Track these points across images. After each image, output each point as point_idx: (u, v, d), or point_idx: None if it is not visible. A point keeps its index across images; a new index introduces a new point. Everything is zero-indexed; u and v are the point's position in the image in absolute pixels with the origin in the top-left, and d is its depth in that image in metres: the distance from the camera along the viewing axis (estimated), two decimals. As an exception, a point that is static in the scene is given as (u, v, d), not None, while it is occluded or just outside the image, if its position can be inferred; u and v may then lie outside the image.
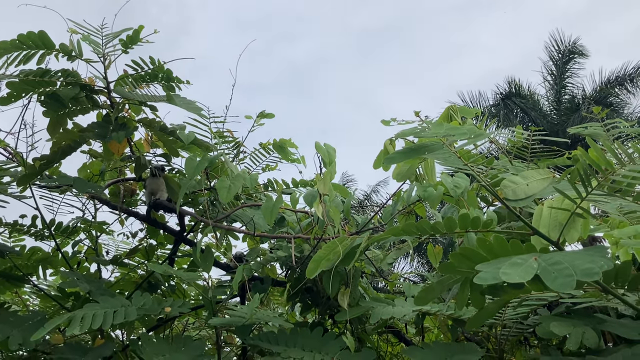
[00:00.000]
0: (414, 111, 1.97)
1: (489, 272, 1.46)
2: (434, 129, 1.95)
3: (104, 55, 3.06)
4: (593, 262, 1.40)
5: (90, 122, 3.20)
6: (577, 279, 1.36)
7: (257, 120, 3.40)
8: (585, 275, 1.37)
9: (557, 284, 1.36)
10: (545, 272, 1.40)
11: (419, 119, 1.99)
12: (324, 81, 77.87)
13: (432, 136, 1.94)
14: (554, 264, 1.42)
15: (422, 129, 1.98)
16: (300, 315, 3.29)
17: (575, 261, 1.42)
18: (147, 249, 3.78)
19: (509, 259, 1.51)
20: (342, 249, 2.23)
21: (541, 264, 1.43)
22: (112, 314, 2.62)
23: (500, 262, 1.49)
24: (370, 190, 29.40)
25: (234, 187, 2.75)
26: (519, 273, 1.40)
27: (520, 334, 2.66)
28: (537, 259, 1.45)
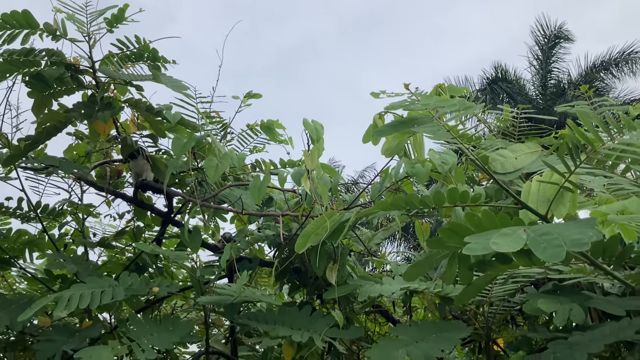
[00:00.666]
0: (404, 83, 1.97)
1: (478, 243, 1.46)
2: (423, 101, 1.94)
3: (88, 34, 3.03)
4: (582, 233, 1.41)
5: (75, 102, 3.18)
6: (567, 249, 1.37)
7: (244, 100, 3.38)
8: (575, 246, 1.38)
9: (547, 254, 1.36)
10: (535, 242, 1.40)
11: (408, 91, 1.98)
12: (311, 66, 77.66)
13: (421, 108, 1.94)
14: (543, 235, 1.42)
15: (412, 102, 1.97)
16: (289, 295, 3.29)
17: (564, 232, 1.42)
18: (134, 231, 3.76)
19: (498, 230, 1.51)
20: (330, 224, 2.23)
21: (530, 234, 1.43)
22: (100, 294, 2.60)
23: (489, 234, 1.49)
24: (358, 175, 29.48)
25: (221, 166, 2.74)
26: (508, 243, 1.40)
27: (507, 312, 2.68)
28: (527, 230, 1.46)
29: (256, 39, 71.03)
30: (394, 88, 2.03)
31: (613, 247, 1.84)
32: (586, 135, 1.71)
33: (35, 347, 2.80)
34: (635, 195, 2.06)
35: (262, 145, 3.72)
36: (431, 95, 2.25)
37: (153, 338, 2.57)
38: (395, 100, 2.00)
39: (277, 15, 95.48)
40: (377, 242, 3.34)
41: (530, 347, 2.77)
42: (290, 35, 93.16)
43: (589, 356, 1.79)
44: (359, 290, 2.73)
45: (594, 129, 1.72)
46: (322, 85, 73.30)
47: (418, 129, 1.99)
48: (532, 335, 2.63)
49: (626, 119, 1.65)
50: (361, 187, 27.41)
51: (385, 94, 2.02)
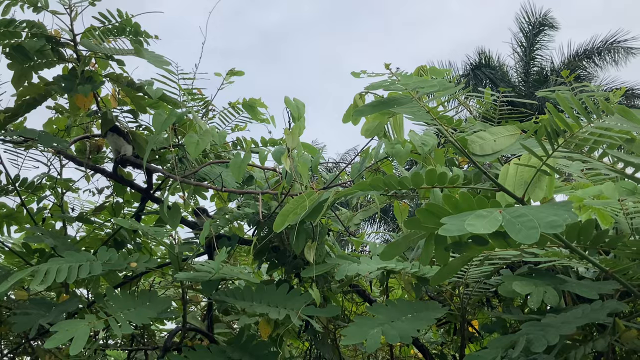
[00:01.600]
0: (385, 63, 1.97)
1: (454, 224, 1.48)
2: (403, 81, 1.94)
3: (70, 6, 3.01)
4: (557, 215, 1.43)
5: (55, 75, 3.15)
6: (541, 231, 1.38)
7: (226, 78, 3.36)
8: (549, 228, 1.39)
9: (521, 235, 1.38)
10: (510, 224, 1.42)
11: (389, 72, 1.98)
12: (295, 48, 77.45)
13: (401, 88, 1.94)
14: (518, 217, 1.44)
15: (392, 82, 1.97)
16: (267, 273, 3.31)
17: (539, 214, 1.44)
18: (113, 207, 3.75)
19: (474, 211, 1.52)
20: (309, 203, 2.23)
21: (506, 216, 1.45)
22: (77, 268, 2.60)
23: (465, 215, 1.50)
24: (340, 157, 29.46)
25: (202, 143, 2.74)
26: (484, 224, 1.42)
27: (483, 293, 2.71)
28: (502, 211, 1.47)
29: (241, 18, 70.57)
30: (377, 70, 2.03)
31: (588, 231, 1.87)
32: (564, 119, 1.72)
33: (12, 319, 2.80)
34: (611, 180, 2.08)
35: (244, 124, 3.71)
36: (410, 75, 2.26)
37: (130, 313, 2.57)
38: (375, 80, 2.00)
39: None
40: (357, 222, 3.36)
41: (504, 329, 2.80)
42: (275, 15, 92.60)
43: (561, 338, 1.82)
44: (337, 269, 2.75)
45: (573, 113, 1.74)
46: (306, 67, 73.10)
47: (398, 109, 1.99)
48: (507, 317, 2.67)
49: (604, 103, 1.66)
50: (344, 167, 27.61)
51: (366, 74, 2.02)
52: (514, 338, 1.89)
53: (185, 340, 3.15)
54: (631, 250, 1.86)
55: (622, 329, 2.07)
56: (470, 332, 3.17)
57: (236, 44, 62.21)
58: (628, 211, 2.09)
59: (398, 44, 71.10)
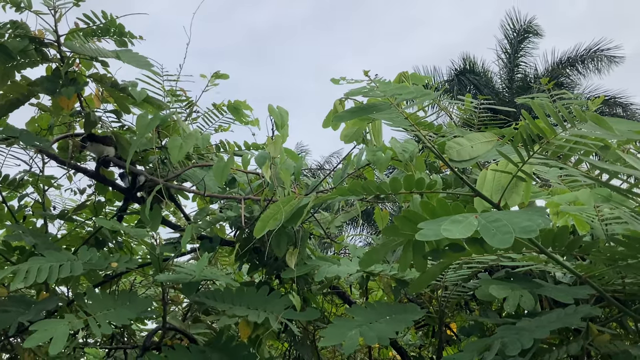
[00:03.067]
0: (363, 70, 2.00)
1: (430, 229, 1.50)
2: (381, 88, 1.97)
3: (54, 7, 3.00)
4: (531, 220, 1.46)
5: (39, 75, 3.15)
6: (516, 236, 1.42)
7: (211, 80, 3.37)
8: (523, 232, 1.43)
9: (496, 240, 1.41)
10: (485, 228, 1.45)
11: (368, 78, 2.01)
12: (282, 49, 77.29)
13: (380, 95, 1.97)
14: (493, 222, 1.47)
15: (371, 88, 2.00)
16: (247, 274, 3.32)
17: (514, 219, 1.47)
18: (95, 205, 3.75)
19: (450, 217, 1.55)
20: (289, 208, 2.26)
21: (481, 221, 1.48)
22: (58, 268, 2.60)
23: (441, 220, 1.53)
24: (324, 161, 29.50)
25: (185, 146, 2.75)
26: (459, 229, 1.45)
27: (461, 297, 2.74)
28: (478, 217, 1.51)
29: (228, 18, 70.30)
30: (362, 74, 2.06)
31: (563, 236, 1.90)
32: (539, 125, 1.76)
33: (-9, 316, 2.80)
34: (587, 187, 2.12)
35: (227, 125, 3.72)
36: (388, 82, 2.29)
37: (110, 313, 2.57)
38: (355, 87, 2.03)
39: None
40: (338, 225, 3.38)
41: (482, 332, 2.84)
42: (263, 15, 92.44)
43: (535, 341, 1.85)
44: (317, 271, 2.77)
45: (548, 120, 1.77)
46: (292, 69, 73.10)
47: (377, 115, 2.02)
48: (484, 321, 2.70)
49: (578, 111, 1.70)
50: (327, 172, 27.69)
51: (345, 81, 2.05)
52: (489, 341, 1.92)
53: (165, 339, 3.16)
54: (605, 256, 1.90)
55: (595, 333, 2.12)
56: (448, 335, 3.21)
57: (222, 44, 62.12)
58: (603, 217, 2.13)
59: (384, 46, 71.29)
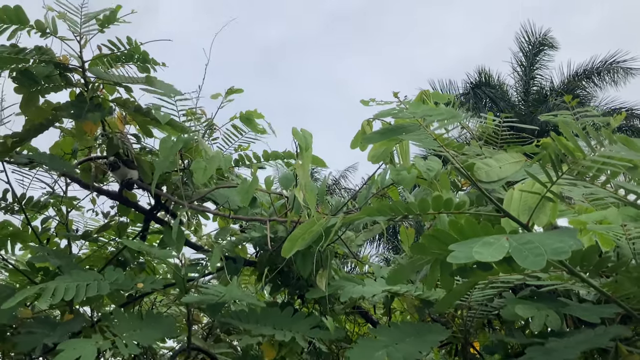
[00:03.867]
0: (393, 92, 2.01)
1: (462, 251, 1.50)
2: (411, 110, 1.98)
3: (80, 34, 3.03)
4: (563, 242, 1.46)
5: (62, 99, 3.18)
6: (548, 258, 1.41)
7: (225, 96, 3.39)
8: (555, 254, 1.42)
9: (528, 262, 1.41)
10: (517, 251, 1.45)
11: (397, 100, 2.02)
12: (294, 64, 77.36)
13: (409, 117, 1.98)
14: (525, 243, 1.47)
15: (400, 110, 2.01)
16: (270, 295, 3.32)
17: (545, 240, 1.47)
18: (118, 226, 3.77)
19: (481, 239, 1.55)
20: (318, 228, 2.26)
21: (512, 243, 1.48)
22: (85, 287, 2.62)
23: (473, 242, 1.53)
24: (339, 175, 29.52)
25: (209, 169, 2.77)
26: (491, 252, 1.44)
27: (485, 316, 2.72)
28: (509, 239, 1.50)
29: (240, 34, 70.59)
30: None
31: (591, 256, 1.89)
32: (568, 146, 1.76)
33: (16, 339, 2.82)
34: (614, 206, 2.11)
35: (247, 144, 3.73)
36: (417, 103, 2.29)
37: (136, 334, 2.59)
38: (383, 108, 2.04)
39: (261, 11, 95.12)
40: (359, 243, 3.38)
41: (505, 351, 2.82)
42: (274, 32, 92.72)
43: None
44: (341, 291, 2.77)
45: (575, 141, 1.77)
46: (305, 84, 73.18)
47: (406, 136, 2.03)
48: (509, 340, 2.68)
49: (607, 132, 1.70)
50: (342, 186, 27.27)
51: (375, 102, 2.06)
52: (519, 363, 1.91)
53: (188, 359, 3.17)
54: (634, 275, 1.89)
55: (625, 354, 2.10)
56: (472, 354, 3.18)
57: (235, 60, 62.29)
58: (631, 236, 2.11)
59: (398, 59, 71.26)
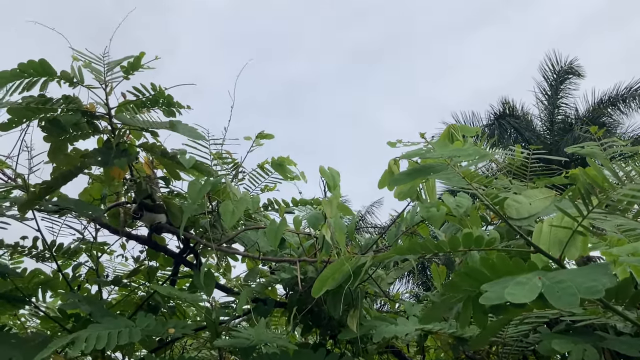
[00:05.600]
0: (420, 133, 2.02)
1: (494, 291, 1.49)
2: (439, 150, 1.98)
3: (105, 82, 3.08)
4: (596, 280, 1.43)
5: (89, 145, 3.23)
6: (581, 297, 1.39)
7: (256, 141, 3.41)
8: (589, 293, 1.40)
9: (562, 302, 1.39)
10: (550, 290, 1.43)
11: (424, 140, 2.02)
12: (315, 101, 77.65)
13: (437, 157, 1.98)
14: (557, 283, 1.45)
15: (428, 150, 2.01)
16: (301, 336, 3.30)
17: (577, 279, 1.44)
18: (148, 271, 3.79)
19: (514, 278, 1.53)
20: (347, 268, 2.25)
21: (545, 282, 1.46)
22: (117, 335, 2.63)
23: (505, 282, 1.51)
24: (365, 210, 29.43)
25: (237, 212, 2.78)
26: (524, 293, 1.43)
27: (521, 352, 2.68)
28: (541, 278, 1.48)
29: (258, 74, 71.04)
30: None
31: (626, 289, 1.86)
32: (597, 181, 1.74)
33: (49, 387, 2.81)
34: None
35: (274, 184, 3.74)
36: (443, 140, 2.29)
37: (169, 380, 2.59)
38: (410, 149, 2.05)
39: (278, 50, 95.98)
40: (390, 281, 3.36)
41: (542, 386, 2.77)
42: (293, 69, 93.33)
43: (605, 399, 1.80)
44: (374, 331, 2.75)
45: (604, 174, 1.76)
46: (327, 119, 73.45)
47: (434, 176, 2.03)
48: (546, 376, 2.64)
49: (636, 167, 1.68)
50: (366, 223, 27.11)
51: (402, 143, 2.07)
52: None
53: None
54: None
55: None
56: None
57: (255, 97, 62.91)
58: (665, 268, 2.08)
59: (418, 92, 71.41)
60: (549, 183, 2.91)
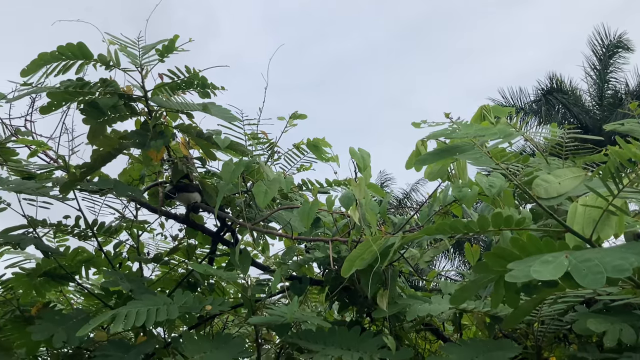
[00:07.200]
0: (444, 113, 2.00)
1: (520, 270, 1.48)
2: (464, 130, 1.96)
3: (141, 65, 3.12)
4: (624, 259, 1.41)
5: (128, 127, 3.29)
6: (607, 276, 1.37)
7: (289, 121, 3.43)
8: (616, 272, 1.38)
9: (587, 280, 1.38)
10: (576, 269, 1.42)
11: (449, 120, 2.01)
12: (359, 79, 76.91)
13: (462, 137, 1.96)
14: (584, 261, 1.43)
15: (453, 130, 2.00)
16: (338, 313, 3.32)
17: (605, 258, 1.43)
18: (187, 249, 3.84)
19: (541, 256, 1.52)
20: (376, 248, 2.25)
21: (572, 261, 1.44)
22: (155, 312, 2.68)
23: (531, 260, 1.51)
24: (410, 188, 29.32)
25: (270, 192, 2.80)
26: (549, 270, 1.42)
27: (559, 330, 2.66)
28: (568, 256, 1.47)
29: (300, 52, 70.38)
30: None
31: (660, 268, 1.83)
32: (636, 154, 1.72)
33: (92, 362, 2.89)
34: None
35: (309, 164, 3.76)
36: (475, 121, 2.27)
37: (206, 356, 2.62)
38: (436, 129, 2.03)
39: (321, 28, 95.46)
40: (427, 260, 3.35)
41: (583, 366, 2.74)
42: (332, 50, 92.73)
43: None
44: (408, 310, 2.75)
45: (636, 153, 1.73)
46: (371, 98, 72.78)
47: (460, 156, 2.01)
48: (582, 355, 2.61)
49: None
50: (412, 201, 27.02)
51: (427, 124, 2.05)
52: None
53: (260, 380, 3.19)
54: None
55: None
56: (547, 369, 3.11)
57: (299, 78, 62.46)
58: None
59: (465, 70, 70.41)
60: (589, 161, 2.87)
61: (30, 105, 3.39)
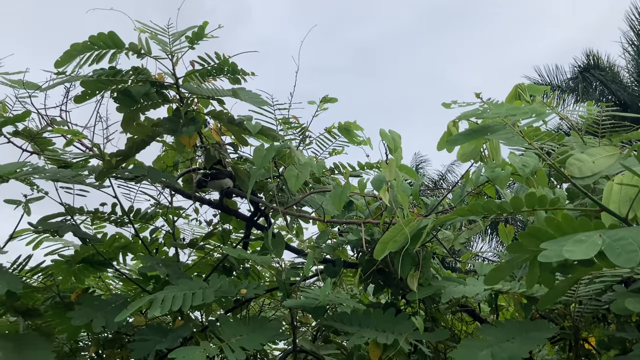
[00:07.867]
0: (475, 93, 1.98)
1: (552, 249, 1.47)
2: (494, 110, 1.95)
3: (171, 52, 3.13)
4: (659, 237, 1.40)
5: (161, 114, 3.31)
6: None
7: (320, 105, 3.42)
8: (649, 251, 1.37)
9: (621, 259, 1.36)
10: (610, 248, 1.40)
11: (480, 100, 1.99)
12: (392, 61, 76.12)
13: (493, 117, 1.94)
14: (618, 240, 1.42)
15: (484, 110, 1.98)
16: (373, 295, 3.32)
17: (639, 236, 1.41)
18: (222, 233, 3.87)
19: (574, 236, 1.51)
20: (408, 230, 2.25)
21: (605, 240, 1.43)
22: (191, 296, 2.71)
23: (564, 240, 1.49)
24: (445, 170, 29.16)
25: (302, 176, 2.81)
26: (582, 250, 1.40)
27: (597, 310, 2.63)
28: (602, 235, 1.45)
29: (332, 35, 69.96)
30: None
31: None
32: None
33: (131, 346, 2.93)
34: None
35: (341, 148, 3.75)
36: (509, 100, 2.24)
37: (242, 339, 2.65)
38: (467, 110, 2.01)
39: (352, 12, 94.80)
40: (462, 241, 3.33)
41: (623, 345, 2.71)
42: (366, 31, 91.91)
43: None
44: (443, 292, 2.74)
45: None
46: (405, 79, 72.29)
47: (492, 136, 1.99)
48: (620, 335, 2.59)
49: None
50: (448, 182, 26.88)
51: (457, 104, 2.04)
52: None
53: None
54: None
55: None
56: (587, 349, 3.08)
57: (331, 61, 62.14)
58: None
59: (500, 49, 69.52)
60: (626, 139, 2.82)
61: (65, 95, 3.43)
